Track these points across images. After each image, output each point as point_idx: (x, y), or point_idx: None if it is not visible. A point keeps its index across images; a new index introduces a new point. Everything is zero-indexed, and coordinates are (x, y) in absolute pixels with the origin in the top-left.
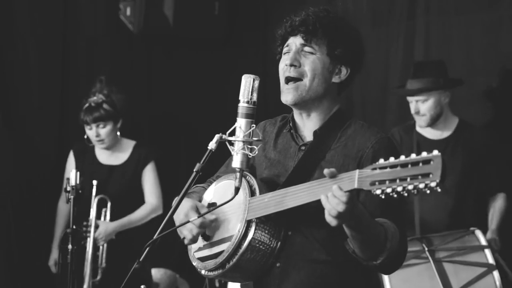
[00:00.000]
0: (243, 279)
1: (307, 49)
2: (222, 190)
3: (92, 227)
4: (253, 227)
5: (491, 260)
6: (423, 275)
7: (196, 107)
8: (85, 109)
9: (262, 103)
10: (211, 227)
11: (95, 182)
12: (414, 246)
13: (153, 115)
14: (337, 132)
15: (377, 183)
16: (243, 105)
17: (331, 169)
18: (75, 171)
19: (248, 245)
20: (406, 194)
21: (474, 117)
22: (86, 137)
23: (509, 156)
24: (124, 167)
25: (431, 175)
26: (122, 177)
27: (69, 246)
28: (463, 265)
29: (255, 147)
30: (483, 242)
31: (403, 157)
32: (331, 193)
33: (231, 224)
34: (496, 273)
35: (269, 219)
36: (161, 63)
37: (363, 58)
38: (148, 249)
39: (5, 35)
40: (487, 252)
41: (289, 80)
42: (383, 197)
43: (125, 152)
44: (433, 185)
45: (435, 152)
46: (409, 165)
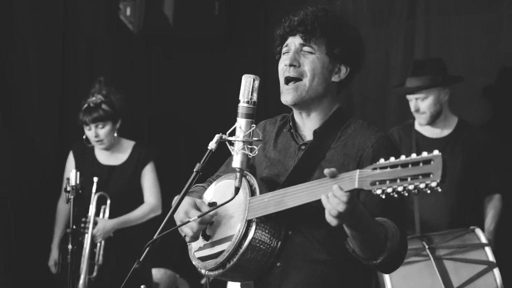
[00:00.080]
0: (244, 279)
1: (306, 48)
2: (222, 189)
3: (90, 224)
4: (254, 226)
5: (492, 257)
6: (423, 273)
7: (196, 107)
8: (84, 109)
9: (262, 103)
10: (211, 227)
11: (95, 178)
12: (414, 244)
13: (153, 115)
14: (337, 131)
15: (377, 183)
16: (243, 105)
17: (331, 169)
18: (75, 171)
19: (248, 245)
20: (406, 194)
21: (473, 116)
22: (84, 137)
23: (506, 156)
24: (123, 167)
25: (431, 175)
26: (122, 177)
27: (69, 246)
28: (464, 262)
29: (255, 147)
30: (483, 240)
31: (403, 157)
32: (332, 193)
33: (232, 223)
34: (496, 271)
35: (270, 219)
36: (161, 63)
37: (362, 57)
38: (148, 249)
39: (5, 35)
40: (488, 249)
41: (289, 80)
42: (384, 197)
43: (125, 152)
44: (434, 185)
45: (436, 152)
46: (410, 165)
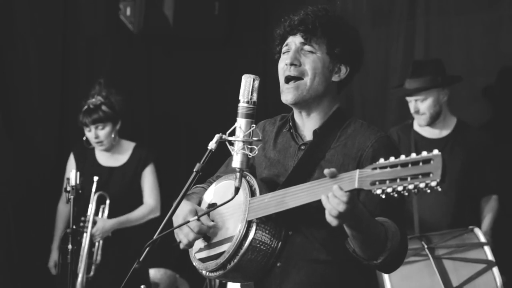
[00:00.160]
0: (244, 280)
1: (307, 48)
2: (222, 190)
3: (90, 223)
4: (254, 227)
5: (491, 256)
6: (423, 272)
7: (196, 107)
8: (84, 111)
9: (262, 103)
10: (210, 231)
11: (95, 178)
12: (413, 244)
13: (153, 115)
14: (336, 131)
15: (377, 182)
16: (243, 105)
17: (331, 169)
18: (75, 171)
19: (249, 246)
20: (406, 193)
21: (473, 116)
22: (85, 138)
23: (504, 157)
24: (124, 168)
25: (431, 175)
26: (122, 178)
27: (69, 246)
28: (463, 262)
29: (255, 147)
30: (482, 239)
31: (403, 157)
32: (332, 193)
33: (232, 224)
34: (495, 270)
35: (270, 219)
36: (161, 63)
37: (362, 57)
38: (148, 249)
39: (5, 35)
40: (487, 249)
41: (289, 79)
42: (384, 196)
43: (125, 153)
44: (434, 184)
45: (435, 151)
46: (409, 165)
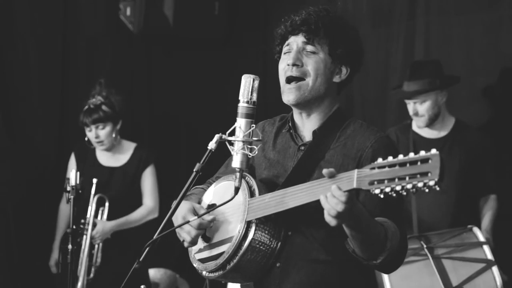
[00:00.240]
0: (244, 280)
1: (309, 48)
2: (221, 191)
3: (89, 226)
4: (253, 227)
5: (490, 256)
6: (422, 272)
7: (196, 107)
8: (84, 111)
9: (262, 103)
10: (210, 229)
11: (95, 180)
12: (412, 244)
13: (153, 115)
14: (336, 132)
15: (376, 182)
16: (243, 105)
17: (330, 169)
18: (75, 171)
19: (248, 246)
20: (405, 193)
21: (473, 116)
22: (87, 139)
23: (503, 157)
24: (124, 168)
25: (429, 174)
26: (122, 178)
27: (69, 246)
28: (462, 261)
29: (255, 147)
30: (481, 238)
31: (401, 156)
32: (330, 193)
33: (231, 225)
34: (495, 269)
35: (269, 220)
36: (161, 63)
37: (362, 57)
38: (148, 249)
39: (5, 35)
40: (486, 248)
41: (291, 79)
42: (382, 196)
43: (126, 154)
44: (432, 183)
45: (433, 150)
46: (408, 164)
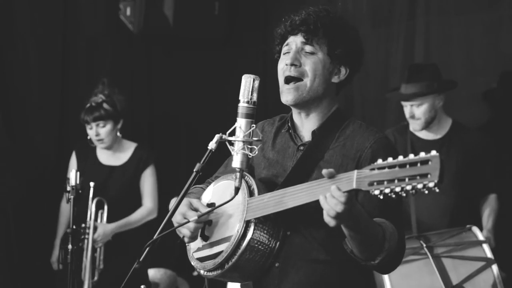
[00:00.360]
0: (242, 279)
1: (308, 48)
2: (220, 190)
3: (91, 229)
4: (252, 227)
5: (490, 254)
6: (422, 271)
7: (196, 107)
8: (86, 108)
9: (262, 103)
10: (209, 228)
11: (92, 184)
12: (412, 243)
13: (153, 115)
14: (335, 132)
15: (375, 183)
16: (243, 105)
17: (329, 170)
18: (75, 171)
19: (247, 246)
20: (404, 194)
21: (474, 116)
22: (89, 137)
23: (503, 157)
24: (124, 168)
25: (429, 176)
26: (122, 178)
27: (69, 246)
28: (462, 260)
29: (255, 147)
30: (481, 237)
31: (401, 158)
32: (330, 194)
33: (230, 224)
34: (495, 267)
35: (268, 219)
36: (161, 63)
37: (362, 58)
38: (148, 249)
39: (5, 35)
40: (485, 246)
41: (290, 80)
42: (382, 197)
43: (126, 153)
44: (432, 185)
45: (433, 152)
46: (407, 166)
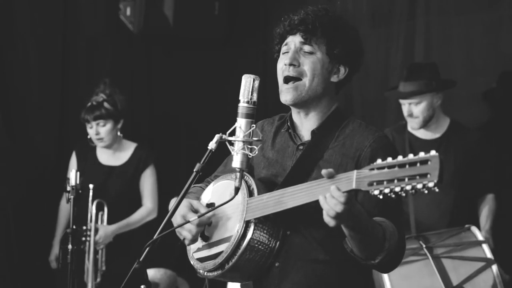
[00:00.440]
0: (242, 279)
1: (307, 48)
2: (220, 190)
3: (92, 231)
4: (252, 227)
5: (489, 254)
6: (422, 272)
7: (196, 107)
8: (86, 107)
9: (262, 103)
10: (209, 228)
11: (91, 186)
12: (411, 244)
13: (153, 115)
14: (335, 131)
15: (375, 183)
16: (243, 105)
17: (329, 170)
18: (75, 171)
19: (247, 246)
20: (404, 194)
21: (474, 116)
22: (89, 137)
23: (503, 157)
24: (123, 168)
25: (429, 175)
26: (121, 178)
27: (69, 246)
28: (462, 260)
29: (255, 147)
30: (480, 237)
31: (400, 157)
32: (329, 194)
33: (230, 224)
34: (495, 267)
35: (268, 219)
36: (161, 63)
37: (361, 57)
38: (148, 249)
39: (5, 35)
40: (485, 247)
41: (288, 79)
42: (381, 197)
43: (126, 153)
44: (431, 185)
45: (433, 152)
46: (407, 165)
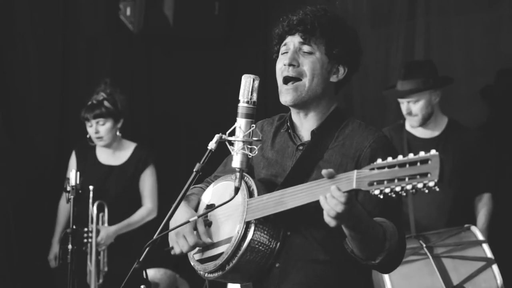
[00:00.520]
0: (243, 280)
1: (306, 48)
2: (220, 191)
3: (93, 233)
4: (252, 228)
5: (490, 254)
6: (422, 271)
7: (196, 107)
8: (87, 106)
9: (262, 103)
10: (210, 228)
11: (91, 187)
12: (411, 243)
13: (153, 115)
14: (334, 131)
15: (375, 183)
16: (243, 105)
17: (329, 170)
18: (74, 171)
19: (247, 246)
20: (404, 194)
21: (473, 117)
22: (88, 136)
23: (502, 157)
24: (123, 167)
25: (429, 175)
26: (121, 177)
27: (69, 246)
28: (462, 260)
29: (255, 147)
30: (480, 237)
31: (401, 157)
32: (330, 194)
33: (230, 225)
34: (495, 267)
35: (268, 220)
36: (161, 63)
37: (360, 57)
38: (147, 249)
39: (5, 35)
40: (485, 246)
41: (288, 80)
42: (382, 197)
43: (126, 153)
44: (432, 184)
45: (433, 151)
46: (407, 165)
